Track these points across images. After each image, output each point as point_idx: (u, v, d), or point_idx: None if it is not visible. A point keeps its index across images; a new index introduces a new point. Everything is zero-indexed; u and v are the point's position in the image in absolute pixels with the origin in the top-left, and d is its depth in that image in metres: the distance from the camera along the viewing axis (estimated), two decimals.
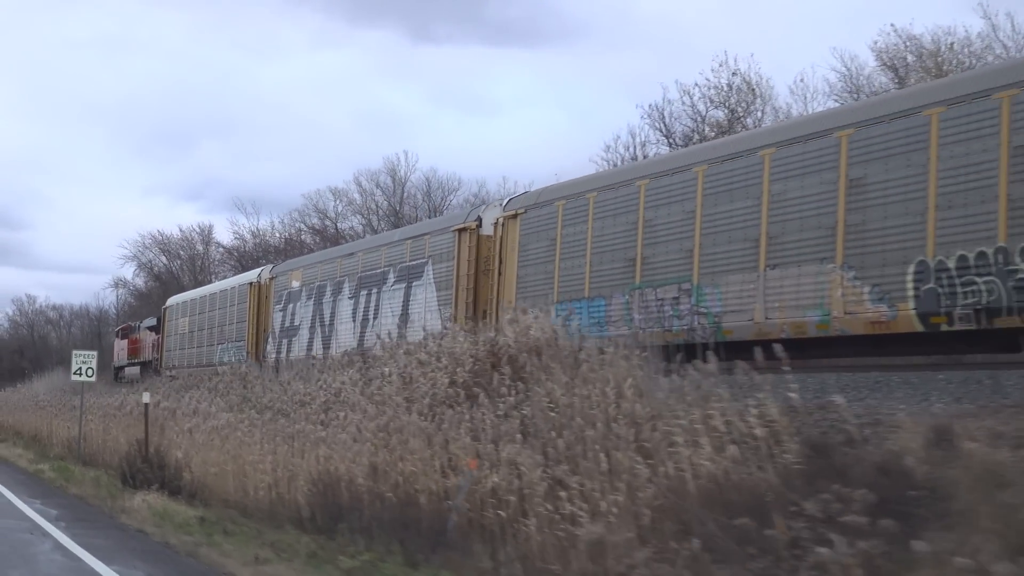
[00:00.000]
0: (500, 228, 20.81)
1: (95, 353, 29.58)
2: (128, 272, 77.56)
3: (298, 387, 17.86)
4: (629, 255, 17.12)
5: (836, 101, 33.47)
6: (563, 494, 9.46)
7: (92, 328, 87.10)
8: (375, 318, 25.01)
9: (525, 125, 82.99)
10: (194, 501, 17.22)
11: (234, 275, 47.49)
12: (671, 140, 36.40)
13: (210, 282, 49.44)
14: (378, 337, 19.62)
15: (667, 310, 16.11)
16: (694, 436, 8.94)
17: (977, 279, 11.77)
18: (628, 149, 38.18)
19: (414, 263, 23.70)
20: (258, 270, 34.16)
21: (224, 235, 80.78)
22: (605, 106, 79.13)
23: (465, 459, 10.99)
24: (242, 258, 63.71)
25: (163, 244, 75.35)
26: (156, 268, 75.64)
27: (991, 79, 12.27)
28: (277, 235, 63.23)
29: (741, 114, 35.55)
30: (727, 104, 35.92)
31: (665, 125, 36.84)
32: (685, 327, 15.59)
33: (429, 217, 47.66)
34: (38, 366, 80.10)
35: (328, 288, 27.55)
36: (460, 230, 22.13)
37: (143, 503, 16.78)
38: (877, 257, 12.96)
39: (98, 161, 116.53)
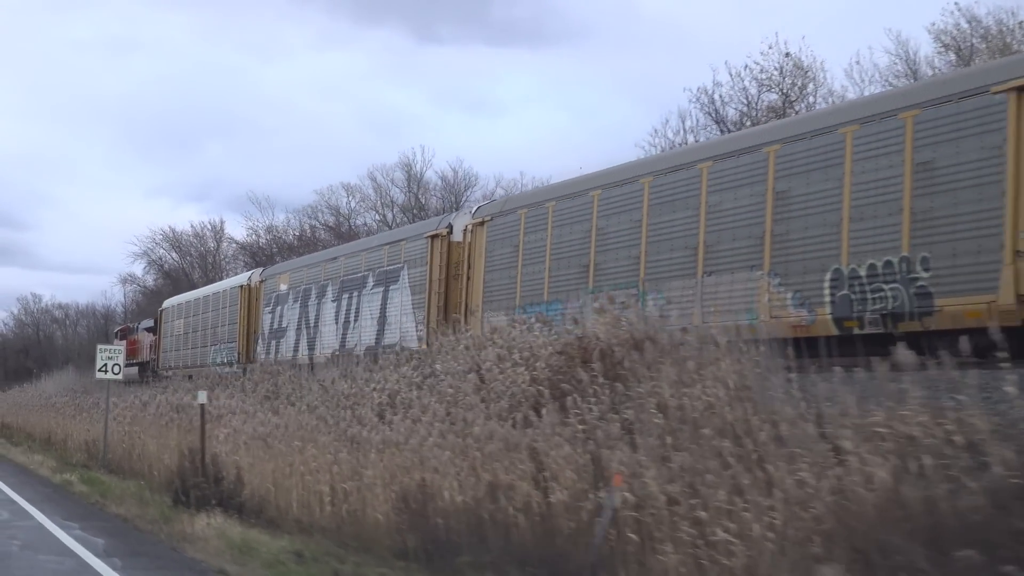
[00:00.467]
0: (469, 235, 21.73)
1: (122, 348, 27.80)
2: (138, 269, 77.21)
3: (342, 386, 16.42)
4: (583, 262, 18.02)
5: (891, 85, 31.65)
6: (703, 514, 8.12)
7: (99, 327, 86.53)
8: (356, 320, 25.96)
9: (529, 125, 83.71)
10: (261, 522, 14.54)
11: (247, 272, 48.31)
12: (722, 125, 35.65)
13: (222, 279, 50.37)
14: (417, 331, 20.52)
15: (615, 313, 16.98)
16: (868, 443, 7.46)
17: (884, 286, 12.65)
18: (678, 134, 37.38)
19: (391, 268, 24.64)
20: (248, 273, 35.16)
21: (237, 231, 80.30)
22: (608, 106, 79.84)
23: (611, 473, 9.11)
24: (256, 254, 62.61)
25: (174, 240, 74.35)
26: (166, 265, 74.76)
27: (897, 100, 13.15)
28: (291, 233, 62.58)
29: (795, 98, 34.81)
30: (780, 87, 35.26)
31: (716, 109, 36.30)
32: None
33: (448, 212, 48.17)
34: (44, 366, 78.99)
35: (313, 291, 28.51)
36: (432, 236, 23.06)
37: (208, 528, 13.96)
38: (799, 265, 13.85)
39: (102, 161, 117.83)
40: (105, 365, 25.56)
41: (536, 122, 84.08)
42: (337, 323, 26.88)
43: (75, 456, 27.72)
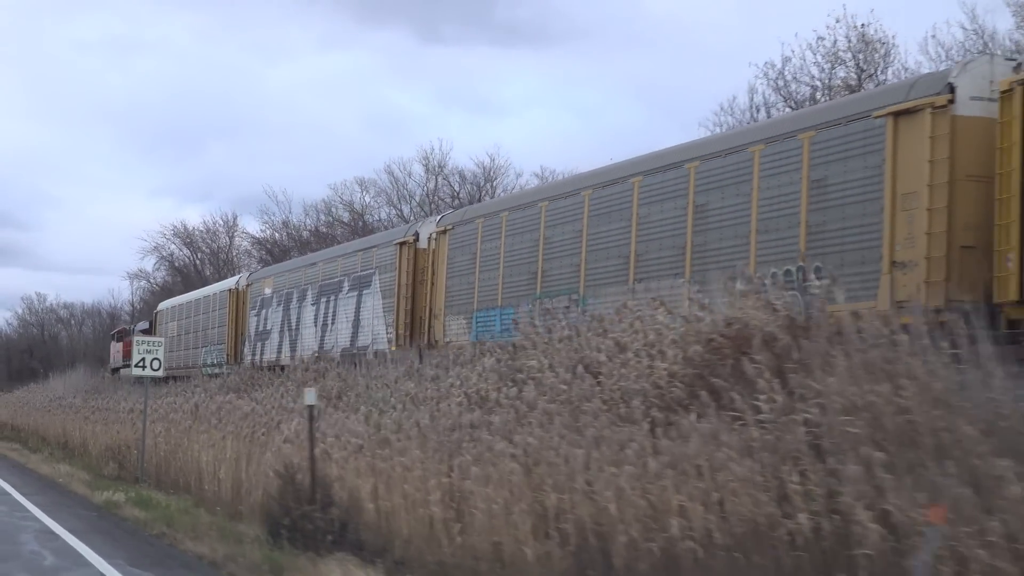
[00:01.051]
0: (433, 242, 22.89)
1: (163, 340, 24.51)
2: (148, 264, 75.16)
3: (407, 386, 15.05)
4: (532, 269, 19.16)
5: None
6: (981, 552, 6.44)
7: (104, 326, 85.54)
8: (333, 323, 27.14)
9: (534, 126, 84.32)
10: (388, 562, 11.12)
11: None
12: (790, 102, 34.10)
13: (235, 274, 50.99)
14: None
15: (560, 318, 18.13)
16: None
17: (784, 293, 13.74)
18: (744, 113, 35.53)
19: (364, 273, 25.80)
20: (236, 277, 36.35)
21: (251, 225, 77.94)
22: (613, 107, 79.91)
23: (927, 510, 6.84)
24: (272, 249, 60.05)
25: (185, 236, 71.59)
26: (177, 261, 72.36)
27: (796, 122, 14.27)
28: (306, 228, 59.86)
29: (871, 73, 33.10)
30: (856, 62, 33.43)
31: (786, 84, 34.54)
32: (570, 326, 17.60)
33: (471, 203, 47.20)
34: (49, 366, 78.43)
35: (295, 295, 29.69)
36: (401, 244, 24.21)
37: None
38: (714, 273, 14.95)
39: (105, 162, 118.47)
40: (143, 360, 21.71)
41: (538, 123, 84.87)
42: (316, 326, 28.06)
43: (105, 466, 24.03)
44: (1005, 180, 11.27)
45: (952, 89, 11.98)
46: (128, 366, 45.71)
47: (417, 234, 23.88)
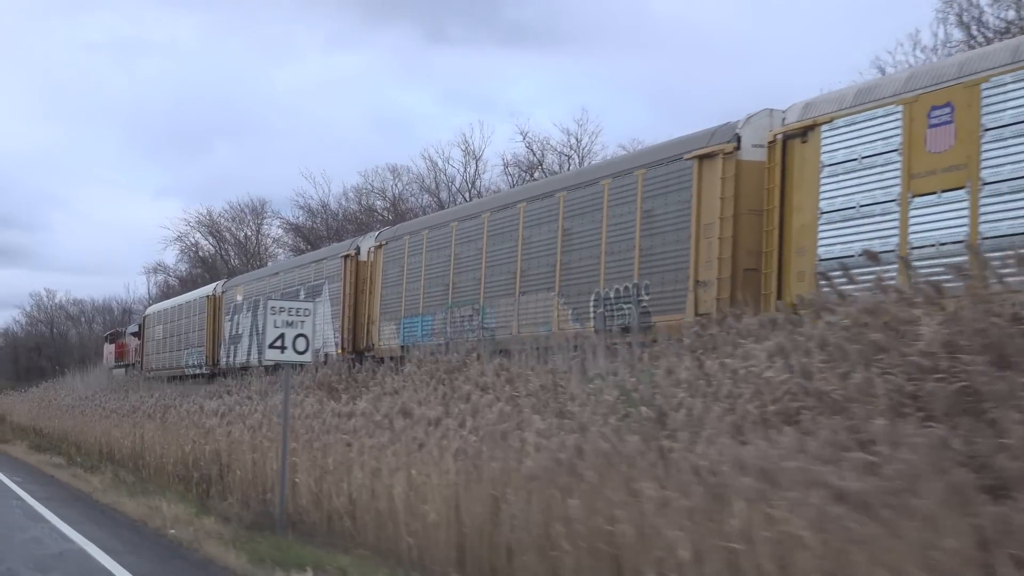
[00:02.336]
0: (371, 256, 25.53)
1: (311, 308, 15.98)
2: (169, 257, 73.67)
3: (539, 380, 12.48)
4: (445, 281, 21.77)
5: None
6: None
7: (117, 324, 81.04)
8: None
9: (537, 128, 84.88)
10: None
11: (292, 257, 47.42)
12: (977, 38, 31.51)
13: (264, 265, 50.71)
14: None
15: (465, 325, 20.77)
16: None
17: (624, 306, 16.34)
18: (923, 51, 32.78)
19: (316, 283, 28.45)
20: (213, 284, 39.06)
21: (283, 207, 72.26)
22: (619, 109, 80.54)
23: None
24: (309, 235, 55.80)
25: (210, 224, 67.43)
26: (203, 251, 68.90)
27: (634, 160, 16.85)
28: (342, 213, 56.04)
29: None
30: None
31: (977, 19, 32.37)
32: (475, 338, 20.23)
33: (511, 187, 43.02)
34: (58, 364, 77.10)
35: (261, 302, 32.36)
36: (345, 257, 26.84)
37: None
38: (576, 288, 17.55)
39: (111, 163, 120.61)
40: (281, 339, 14.80)
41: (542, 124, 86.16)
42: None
43: (194, 493, 18.07)
44: (769, 215, 13.83)
45: (738, 138, 14.54)
46: (121, 366, 48.69)
47: (359, 248, 26.50)
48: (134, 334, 46.79)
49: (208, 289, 38.94)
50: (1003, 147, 10.93)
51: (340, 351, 26.38)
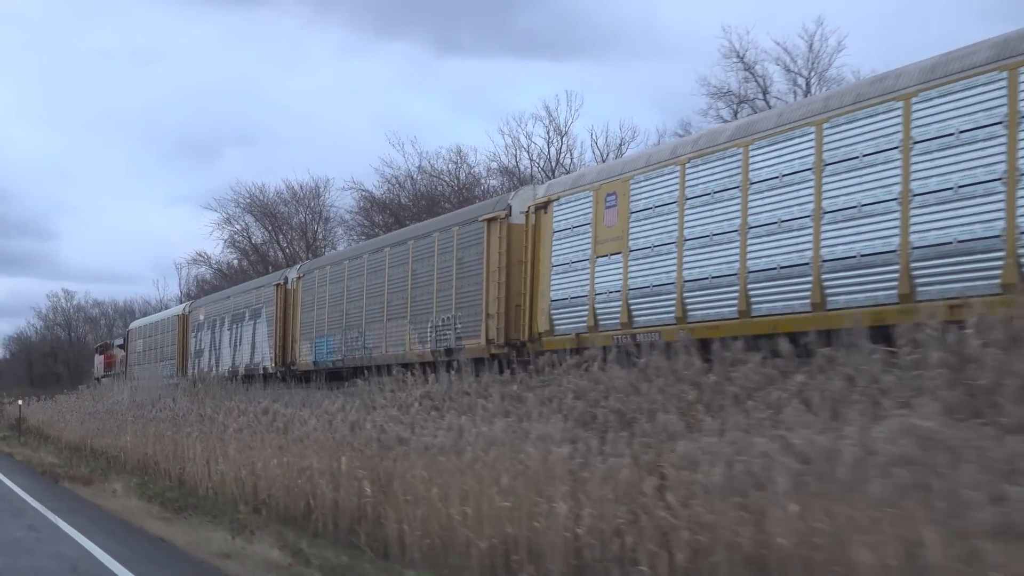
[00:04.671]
0: (295, 284, 30.53)
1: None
2: (212, 247, 68.28)
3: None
4: (340, 308, 26.73)
5: None
6: None
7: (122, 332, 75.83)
8: (240, 345, 34.85)
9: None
10: None
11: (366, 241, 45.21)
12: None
13: (320, 254, 49.80)
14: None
15: (353, 345, 25.74)
16: None
17: (448, 332, 21.25)
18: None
19: (257, 307, 33.47)
20: (182, 305, 44.18)
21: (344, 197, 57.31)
22: (629, 117, 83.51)
23: None
24: (398, 212, 48.85)
25: (264, 205, 59.54)
26: (254, 238, 61.62)
27: (454, 219, 21.75)
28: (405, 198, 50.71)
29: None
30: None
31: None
32: (359, 355, 25.20)
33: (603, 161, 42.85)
34: (76, 370, 75.90)
35: (217, 322, 37.43)
36: (276, 285, 31.84)
37: None
38: (420, 317, 22.46)
39: (123, 170, 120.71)
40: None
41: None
42: (231, 347, 35.78)
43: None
44: (526, 265, 18.71)
45: (509, 207, 19.42)
46: (108, 375, 53.84)
47: (287, 278, 31.51)
48: (120, 346, 51.89)
49: (179, 309, 44.06)
50: (640, 225, 15.80)
51: (273, 364, 31.40)
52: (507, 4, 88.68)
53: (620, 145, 45.90)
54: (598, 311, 16.45)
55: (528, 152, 47.99)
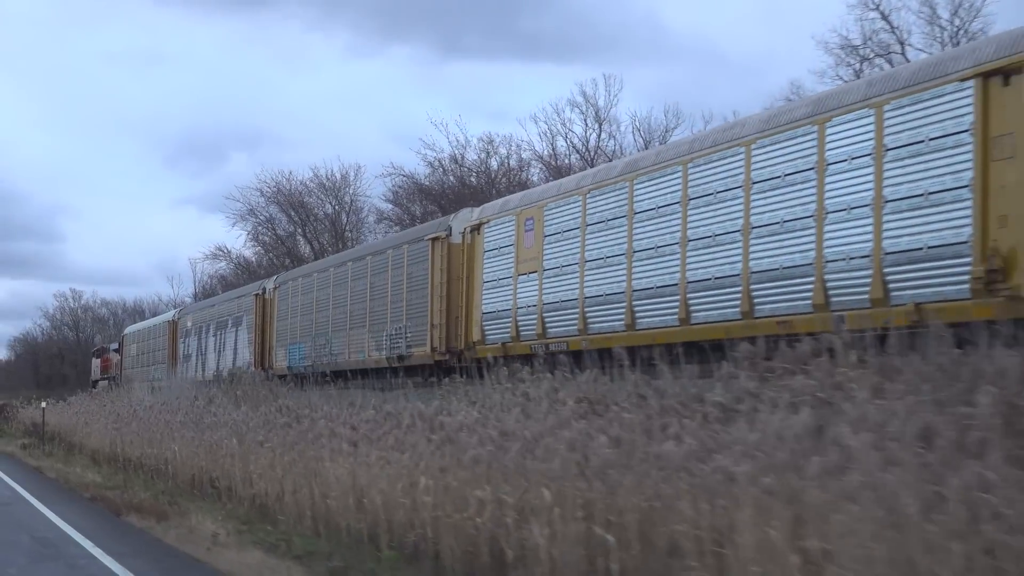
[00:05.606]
0: (272, 294, 32.73)
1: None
2: (235, 240, 67.80)
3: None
4: (311, 318, 28.92)
5: None
6: None
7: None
8: (224, 350, 37.06)
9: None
10: None
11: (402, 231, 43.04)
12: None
13: (350, 246, 48.91)
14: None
15: (321, 351, 27.93)
16: None
17: (400, 340, 23.42)
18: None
19: (239, 314, 35.67)
20: (172, 312, 46.39)
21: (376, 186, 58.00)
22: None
23: None
24: (441, 198, 46.17)
25: (290, 195, 56.79)
26: (280, 229, 58.67)
27: (403, 237, 23.91)
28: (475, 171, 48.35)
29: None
30: None
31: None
32: (327, 361, 27.37)
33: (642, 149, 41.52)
34: (84, 372, 71.71)
35: (203, 328, 39.64)
36: (255, 295, 34.04)
37: None
38: (377, 327, 24.63)
39: (128, 173, 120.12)
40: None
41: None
42: (215, 352, 38.00)
43: None
44: (462, 281, 20.86)
45: (450, 228, 21.59)
46: (105, 379, 56.04)
47: (264, 288, 33.70)
48: (116, 351, 54.09)
49: (169, 315, 46.28)
50: (552, 247, 17.96)
51: (254, 368, 33.59)
52: (512, 7, 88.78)
53: (665, 132, 43.50)
54: (520, 323, 18.62)
55: (566, 139, 46.05)
